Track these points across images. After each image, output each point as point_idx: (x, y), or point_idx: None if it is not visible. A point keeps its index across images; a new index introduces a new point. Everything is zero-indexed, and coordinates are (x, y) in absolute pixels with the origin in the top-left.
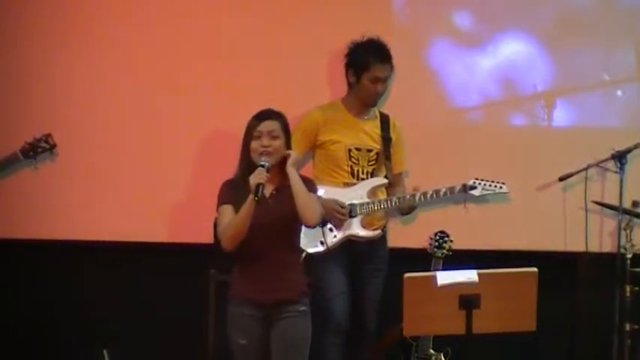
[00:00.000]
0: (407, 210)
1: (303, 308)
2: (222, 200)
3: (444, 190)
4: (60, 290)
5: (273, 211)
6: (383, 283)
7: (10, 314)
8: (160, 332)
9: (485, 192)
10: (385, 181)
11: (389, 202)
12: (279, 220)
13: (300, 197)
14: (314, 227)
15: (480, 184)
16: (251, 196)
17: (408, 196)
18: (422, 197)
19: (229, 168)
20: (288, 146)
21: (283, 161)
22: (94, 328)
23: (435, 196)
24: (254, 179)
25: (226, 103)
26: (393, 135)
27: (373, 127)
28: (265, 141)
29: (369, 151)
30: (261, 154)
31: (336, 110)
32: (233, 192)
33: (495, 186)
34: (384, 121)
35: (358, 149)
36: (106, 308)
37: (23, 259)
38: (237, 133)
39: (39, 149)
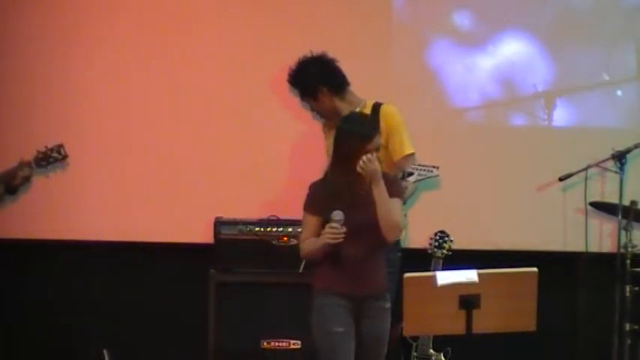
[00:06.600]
0: None
1: (388, 305)
2: (308, 208)
3: None
4: (60, 290)
5: (371, 207)
6: (395, 286)
7: (11, 314)
8: (160, 332)
9: (419, 177)
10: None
11: None
12: (374, 217)
13: (380, 211)
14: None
15: (416, 169)
16: (323, 240)
17: None
18: None
19: (229, 168)
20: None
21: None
22: (94, 327)
23: None
24: (330, 240)
25: (226, 103)
26: (382, 124)
27: None
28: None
29: None
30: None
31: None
32: (321, 198)
33: (427, 170)
34: (375, 111)
35: None
36: (106, 308)
37: (23, 259)
38: (236, 133)
39: (51, 159)
